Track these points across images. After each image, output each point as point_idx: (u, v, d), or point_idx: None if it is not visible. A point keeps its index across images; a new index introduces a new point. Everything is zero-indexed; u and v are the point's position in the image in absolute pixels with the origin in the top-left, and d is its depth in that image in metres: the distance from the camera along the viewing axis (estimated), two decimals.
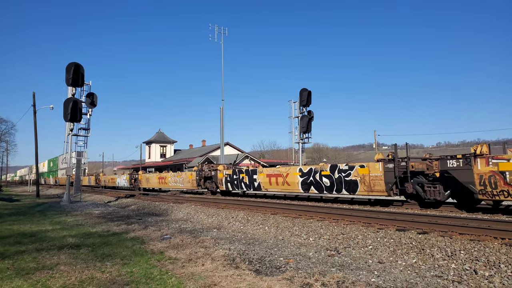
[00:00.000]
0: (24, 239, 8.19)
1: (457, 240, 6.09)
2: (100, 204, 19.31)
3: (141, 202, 18.17)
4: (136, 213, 14.36)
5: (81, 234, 8.75)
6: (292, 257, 6.04)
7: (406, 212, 10.08)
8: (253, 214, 10.98)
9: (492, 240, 5.90)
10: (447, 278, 4.87)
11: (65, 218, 12.60)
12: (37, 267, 5.63)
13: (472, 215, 9.24)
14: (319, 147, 79.56)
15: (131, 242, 7.59)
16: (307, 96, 21.52)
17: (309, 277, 4.86)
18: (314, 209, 11.07)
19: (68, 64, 18.60)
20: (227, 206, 13.47)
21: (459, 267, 5.17)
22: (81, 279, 4.92)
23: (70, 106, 18.15)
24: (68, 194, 19.50)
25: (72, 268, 5.50)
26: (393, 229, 7.34)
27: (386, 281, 4.69)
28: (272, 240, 7.84)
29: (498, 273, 4.79)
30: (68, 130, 19.05)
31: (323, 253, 6.44)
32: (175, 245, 7.19)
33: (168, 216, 12.86)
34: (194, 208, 13.74)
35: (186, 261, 5.87)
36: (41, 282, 4.82)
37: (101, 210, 15.50)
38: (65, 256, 6.30)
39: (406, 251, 6.10)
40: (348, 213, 9.69)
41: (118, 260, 5.99)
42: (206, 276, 5.03)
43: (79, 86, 18.96)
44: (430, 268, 5.34)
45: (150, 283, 4.75)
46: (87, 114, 19.43)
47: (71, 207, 16.87)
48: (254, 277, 4.92)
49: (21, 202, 23.17)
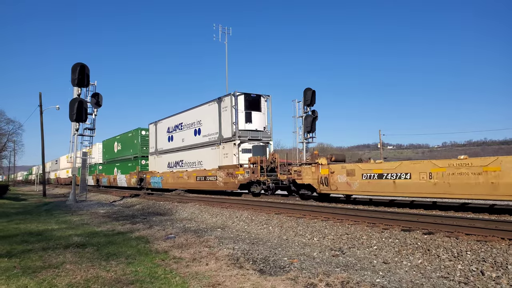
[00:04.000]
0: (31, 238, 8.27)
1: (463, 240, 6.02)
2: (105, 203, 19.43)
3: (146, 202, 18.25)
4: (141, 212, 14.43)
5: (87, 233, 8.81)
6: (296, 257, 6.02)
7: (411, 212, 10.02)
8: (257, 213, 10.98)
9: (500, 241, 5.83)
10: (453, 279, 4.82)
11: (70, 217, 12.70)
12: (43, 265, 5.68)
13: (479, 215, 9.15)
14: (323, 146, 79.44)
15: (135, 242, 7.63)
16: (311, 96, 21.43)
17: (313, 277, 4.84)
18: (318, 209, 11.03)
19: (73, 65, 18.72)
20: (231, 205, 13.48)
21: (466, 268, 5.12)
22: (86, 278, 4.95)
23: (75, 106, 18.28)
24: (74, 194, 19.65)
25: (77, 267, 5.54)
26: (398, 229, 7.29)
27: (391, 282, 4.65)
28: (276, 240, 7.83)
29: (506, 274, 4.73)
30: (74, 130, 19.19)
31: (328, 253, 6.41)
32: (179, 244, 7.21)
33: (172, 216, 12.90)
34: (198, 208, 13.77)
35: (190, 261, 5.88)
36: (47, 281, 4.86)
37: (106, 209, 15.60)
38: (70, 255, 6.35)
39: (412, 252, 6.05)
40: (352, 213, 9.65)
41: (123, 259, 6.02)
42: (210, 275, 5.03)
43: (85, 86, 19.08)
44: (436, 269, 5.29)
45: (155, 282, 4.76)
46: (93, 114, 19.56)
47: (76, 206, 17.00)
48: (258, 277, 4.91)
49: (28, 202, 23.41)
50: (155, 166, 27.74)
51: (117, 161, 34.19)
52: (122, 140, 33.42)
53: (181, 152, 24.46)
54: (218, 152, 20.35)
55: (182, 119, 24.38)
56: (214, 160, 20.59)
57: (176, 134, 25.04)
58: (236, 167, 18.40)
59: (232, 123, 19.05)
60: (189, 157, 23.47)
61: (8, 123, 54.95)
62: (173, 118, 25.62)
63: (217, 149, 20.52)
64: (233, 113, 19.18)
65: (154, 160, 28.15)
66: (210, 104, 21.38)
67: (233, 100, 19.09)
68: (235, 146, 19.13)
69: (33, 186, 55.64)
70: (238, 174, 18.16)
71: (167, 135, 26.25)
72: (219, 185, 19.46)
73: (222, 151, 20.07)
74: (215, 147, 20.74)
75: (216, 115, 20.51)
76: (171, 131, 25.75)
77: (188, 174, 22.63)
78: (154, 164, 28.07)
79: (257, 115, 19.81)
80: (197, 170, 22.12)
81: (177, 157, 24.95)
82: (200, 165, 22.24)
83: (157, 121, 27.70)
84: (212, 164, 20.68)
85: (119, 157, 33.74)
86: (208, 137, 21.40)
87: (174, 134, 25.37)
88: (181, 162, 24.53)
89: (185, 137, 23.82)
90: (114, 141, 35.25)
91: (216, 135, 20.59)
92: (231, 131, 19.18)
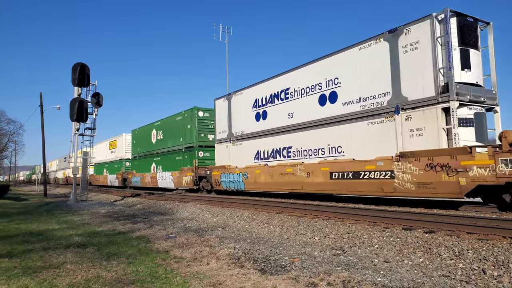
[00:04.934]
0: (32, 238, 8.27)
1: (464, 239, 6.01)
2: (106, 203, 19.45)
3: (147, 201, 18.26)
4: (142, 212, 14.44)
5: (87, 233, 8.81)
6: (297, 256, 6.02)
7: (412, 211, 10.00)
8: (258, 213, 10.97)
9: (501, 240, 5.81)
10: (454, 278, 4.81)
11: (71, 217, 12.70)
12: (44, 265, 5.68)
13: (480, 214, 9.13)
14: None
15: (136, 241, 7.63)
16: None
17: (315, 276, 4.83)
18: (319, 208, 11.02)
19: (74, 65, 18.74)
20: (232, 205, 13.48)
21: (467, 266, 5.11)
22: (87, 278, 4.95)
23: (76, 106, 18.31)
24: (75, 193, 19.68)
25: (78, 266, 5.54)
26: (399, 228, 7.28)
27: (393, 281, 4.64)
28: (277, 239, 7.82)
29: (507, 273, 4.72)
30: (74, 130, 19.21)
31: (329, 252, 6.40)
32: (180, 244, 7.21)
33: (173, 215, 12.91)
34: (199, 207, 13.77)
35: (191, 260, 5.88)
36: (47, 281, 4.86)
37: (107, 209, 15.61)
38: (71, 255, 6.35)
39: (413, 250, 6.04)
40: (353, 212, 9.63)
41: (123, 259, 6.02)
42: (211, 275, 5.02)
43: (85, 86, 19.10)
44: (437, 267, 5.27)
45: (155, 282, 4.76)
46: (93, 114, 19.58)
47: (77, 206, 17.02)
48: (259, 276, 4.90)
49: (29, 201, 23.45)
50: (228, 159, 19.33)
51: (156, 155, 26.63)
52: (164, 127, 25.55)
53: (285, 134, 15.71)
54: (390, 128, 11.57)
55: (288, 83, 15.74)
56: (375, 142, 12.00)
57: (273, 108, 16.48)
58: (463, 151, 9.27)
59: (437, 69, 10.39)
60: (308, 141, 14.66)
61: (9, 123, 55.14)
62: (265, 85, 17.10)
63: (388, 123, 11.66)
64: (439, 51, 10.45)
65: (226, 150, 19.62)
66: (365, 46, 12.53)
67: (437, 28, 10.54)
68: (444, 115, 10.40)
69: (34, 186, 55.73)
70: (467, 167, 9.07)
71: (253, 112, 17.67)
72: (401, 187, 10.68)
73: (404, 126, 11.23)
74: (382, 119, 11.86)
75: (381, 63, 11.90)
76: (262, 104, 17.20)
77: (307, 168, 14.06)
78: (225, 156, 19.61)
79: (475, 57, 11.00)
80: (332, 162, 13.22)
81: (276, 143, 16.27)
82: (334, 152, 13.51)
83: (232, 93, 19.30)
84: (368, 150, 12.10)
85: (159, 150, 26.08)
86: (358, 104, 12.64)
87: (268, 108, 16.80)
88: (285, 151, 15.72)
89: (297, 110, 15.21)
90: (152, 128, 27.40)
91: (383, 97, 11.84)
92: (432, 85, 10.49)
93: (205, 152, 22.04)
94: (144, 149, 28.87)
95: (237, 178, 18.02)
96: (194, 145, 21.88)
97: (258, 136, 17.27)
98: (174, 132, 24.16)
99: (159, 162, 26.02)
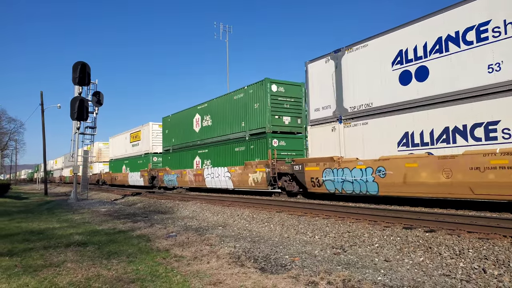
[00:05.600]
0: (32, 236, 8.28)
1: (465, 238, 6.00)
2: (107, 202, 19.46)
3: (147, 200, 18.28)
4: (142, 211, 14.45)
5: (88, 232, 8.82)
6: (298, 255, 6.02)
7: (412, 210, 9.99)
8: (258, 212, 10.97)
9: (502, 239, 5.81)
10: (455, 277, 4.81)
11: (72, 216, 12.72)
12: (44, 264, 5.69)
13: (480, 213, 9.11)
14: None
15: (137, 240, 7.64)
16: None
17: (315, 275, 4.83)
18: (319, 207, 11.02)
19: (74, 63, 18.73)
20: (232, 204, 13.49)
21: (468, 266, 5.10)
22: (87, 277, 4.95)
23: (77, 105, 18.31)
24: (75, 192, 19.70)
25: (78, 265, 5.55)
26: (399, 227, 7.28)
27: (393, 280, 4.64)
28: (278, 238, 7.82)
29: (508, 272, 4.71)
30: (75, 128, 19.22)
31: (329, 251, 6.40)
32: (180, 243, 7.21)
33: (174, 214, 12.92)
34: (199, 206, 13.78)
35: (191, 259, 5.88)
36: (48, 279, 4.87)
37: (108, 208, 15.62)
38: (72, 254, 6.35)
39: (413, 250, 6.04)
40: (353, 211, 9.63)
41: (124, 257, 6.02)
42: (212, 274, 5.03)
43: (86, 85, 19.10)
44: (438, 266, 5.27)
45: (156, 280, 4.76)
46: (94, 113, 19.59)
47: (78, 205, 17.04)
48: (259, 275, 4.90)
49: (29, 200, 23.48)
50: (336, 147, 13.07)
51: (201, 146, 21.05)
52: (214, 110, 20.16)
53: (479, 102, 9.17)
54: None
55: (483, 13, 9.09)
56: None
57: (444, 60, 9.94)
58: None
59: None
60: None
61: (10, 122, 55.30)
62: (420, 26, 10.59)
63: None
64: None
65: (331, 134, 13.33)
66: None
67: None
68: None
69: (35, 185, 55.81)
70: None
71: (395, 72, 11.22)
72: None
73: None
74: None
75: None
76: (416, 57, 10.63)
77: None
78: (330, 143, 13.35)
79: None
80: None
81: (452, 117, 9.74)
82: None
83: (345, 47, 12.94)
84: None
85: (207, 139, 20.56)
86: None
87: (431, 62, 10.25)
88: (481, 129, 9.13)
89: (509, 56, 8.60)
90: (194, 113, 21.86)
91: None
92: None
93: (280, 141, 16.38)
94: (181, 140, 23.20)
95: (362, 176, 11.77)
96: (267, 130, 16.12)
97: (407, 108, 10.84)
98: (230, 115, 18.78)
99: (205, 155, 20.50)
